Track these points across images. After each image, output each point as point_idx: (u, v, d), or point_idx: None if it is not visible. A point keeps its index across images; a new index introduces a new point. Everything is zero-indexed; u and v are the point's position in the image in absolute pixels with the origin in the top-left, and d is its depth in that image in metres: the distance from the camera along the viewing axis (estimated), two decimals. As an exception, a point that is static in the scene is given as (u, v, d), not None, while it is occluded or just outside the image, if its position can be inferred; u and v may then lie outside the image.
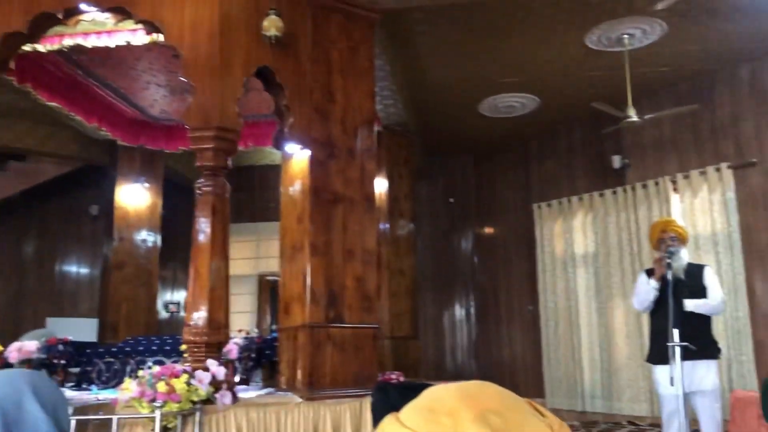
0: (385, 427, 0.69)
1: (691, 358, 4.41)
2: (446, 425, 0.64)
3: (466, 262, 9.93)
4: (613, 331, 7.86)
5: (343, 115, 4.94)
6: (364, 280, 4.71)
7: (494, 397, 0.67)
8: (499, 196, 9.66)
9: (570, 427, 6.00)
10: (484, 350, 9.54)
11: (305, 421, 4.06)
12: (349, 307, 4.61)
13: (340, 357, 4.49)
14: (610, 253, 8.02)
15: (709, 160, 7.26)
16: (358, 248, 4.74)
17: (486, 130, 8.90)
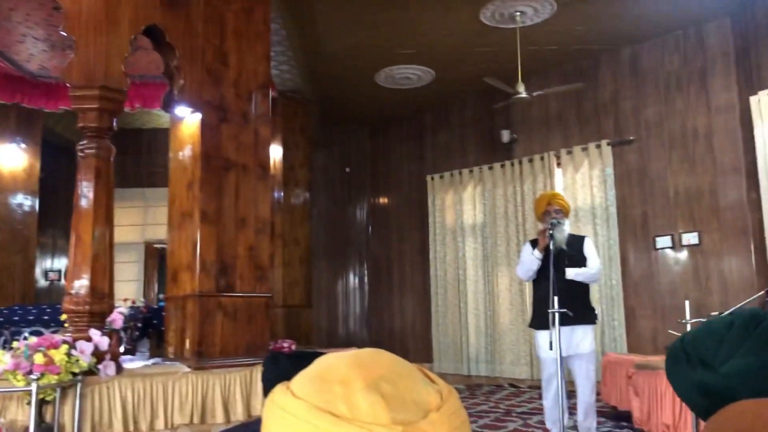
0: (275, 398, 0.67)
1: (570, 324, 4.66)
2: (338, 394, 0.63)
3: (361, 232, 9.98)
4: (498, 299, 8.17)
5: (237, 78, 4.78)
6: (257, 248, 4.63)
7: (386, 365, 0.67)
8: (394, 167, 9.74)
9: (456, 390, 6.21)
10: (377, 318, 9.68)
11: (193, 390, 3.97)
12: (240, 276, 4.52)
13: (230, 326, 4.41)
14: (497, 223, 8.30)
15: (590, 137, 7.62)
16: (251, 216, 4.64)
17: (382, 101, 8.92)
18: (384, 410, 0.61)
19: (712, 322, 1.07)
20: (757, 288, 6.04)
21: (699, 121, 6.90)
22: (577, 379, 4.83)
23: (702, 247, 6.74)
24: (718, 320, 1.07)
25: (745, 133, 6.49)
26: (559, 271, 4.76)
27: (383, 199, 9.91)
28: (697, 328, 1.10)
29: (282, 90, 7.57)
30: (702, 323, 1.12)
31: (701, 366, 1.04)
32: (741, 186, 6.57)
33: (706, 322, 1.11)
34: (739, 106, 6.62)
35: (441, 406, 0.65)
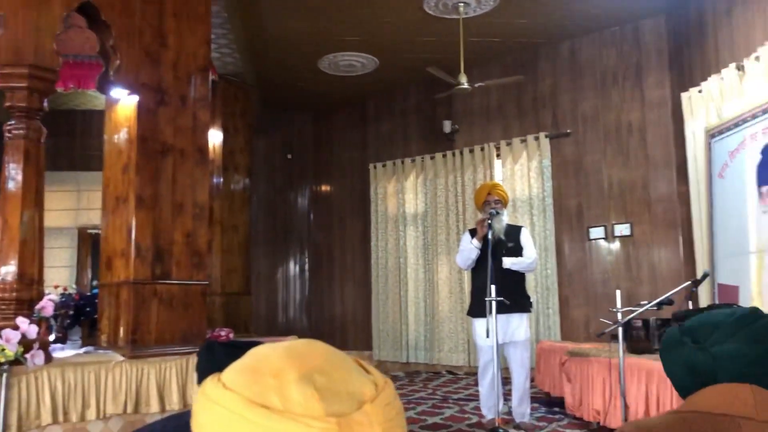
0: (206, 390, 0.65)
1: (506, 312, 4.76)
2: (270, 386, 0.62)
3: (302, 219, 9.92)
4: (438, 287, 8.26)
5: (176, 60, 4.66)
6: (195, 235, 4.54)
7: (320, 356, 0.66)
8: (336, 155, 9.70)
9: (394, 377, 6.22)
10: (317, 306, 9.65)
11: (127, 379, 3.87)
12: (177, 263, 4.43)
13: (166, 314, 4.32)
14: (437, 212, 8.37)
15: (529, 129, 7.76)
16: (189, 202, 4.55)
17: (326, 88, 8.86)
18: (317, 402, 0.60)
19: (715, 312, 1.12)
20: (684, 278, 6.27)
21: (633, 116, 7.10)
22: (512, 366, 4.94)
23: (633, 239, 6.97)
24: (721, 310, 1.13)
25: (676, 128, 6.72)
26: (497, 260, 4.85)
27: (325, 187, 9.86)
28: (699, 314, 1.15)
29: (223, 74, 7.42)
30: (707, 311, 1.17)
31: (692, 344, 1.08)
32: (671, 180, 6.80)
33: (706, 314, 1.14)
34: (671, 102, 6.85)
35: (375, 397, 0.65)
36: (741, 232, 5.41)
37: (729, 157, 5.64)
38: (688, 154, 6.30)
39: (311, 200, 9.94)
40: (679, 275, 6.52)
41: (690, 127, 6.26)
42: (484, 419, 4.96)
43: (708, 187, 5.92)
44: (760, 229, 5.22)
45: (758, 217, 5.25)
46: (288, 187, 9.90)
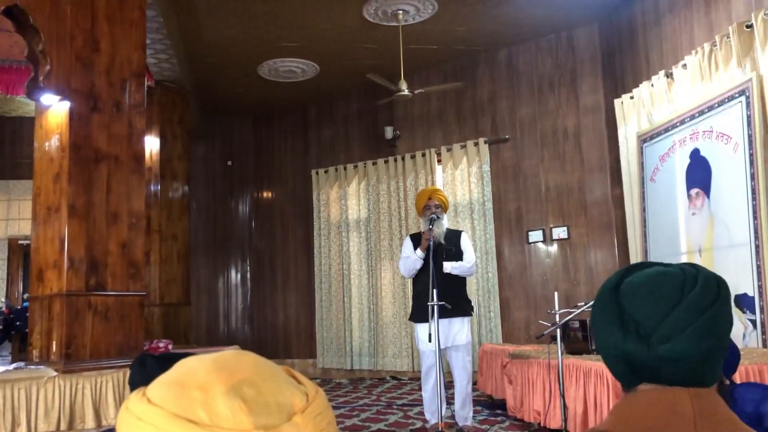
0: (129, 405, 0.64)
1: (448, 316, 4.80)
2: (197, 399, 0.61)
3: (244, 227, 9.81)
4: (381, 293, 8.28)
5: (110, 65, 4.55)
6: (131, 245, 4.44)
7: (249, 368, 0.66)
8: (278, 161, 9.63)
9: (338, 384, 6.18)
10: (259, 314, 9.55)
11: (61, 395, 3.75)
12: (112, 274, 4.32)
13: (102, 327, 4.20)
14: (380, 218, 8.40)
15: (469, 135, 7.87)
16: (124, 211, 4.44)
17: (266, 93, 8.79)
18: (245, 415, 0.60)
19: (663, 285, 0.96)
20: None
21: (569, 121, 7.29)
22: (454, 370, 4.99)
23: (570, 241, 7.14)
24: (667, 281, 0.96)
25: (610, 133, 6.93)
26: (438, 264, 4.90)
27: (267, 194, 9.78)
28: (641, 284, 0.97)
29: (159, 79, 7.28)
30: (651, 278, 0.97)
31: (635, 336, 0.95)
32: (606, 183, 7.01)
33: (655, 277, 0.97)
34: (604, 107, 7.06)
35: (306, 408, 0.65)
36: (673, 233, 5.62)
37: (660, 161, 5.86)
38: (621, 159, 6.50)
39: (252, 207, 9.84)
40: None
41: (623, 132, 6.47)
42: (428, 424, 5.00)
43: (641, 190, 6.13)
44: (690, 230, 5.43)
45: (687, 219, 5.46)
46: (228, 194, 9.78)
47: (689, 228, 5.44)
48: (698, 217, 5.30)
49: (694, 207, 5.38)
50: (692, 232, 5.40)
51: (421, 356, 5.06)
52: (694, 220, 5.36)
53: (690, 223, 5.43)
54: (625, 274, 1.01)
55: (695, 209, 5.36)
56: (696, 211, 5.34)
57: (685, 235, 5.49)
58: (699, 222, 5.29)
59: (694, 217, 5.36)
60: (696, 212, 5.34)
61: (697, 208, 5.32)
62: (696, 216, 5.33)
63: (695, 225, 5.35)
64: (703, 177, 5.25)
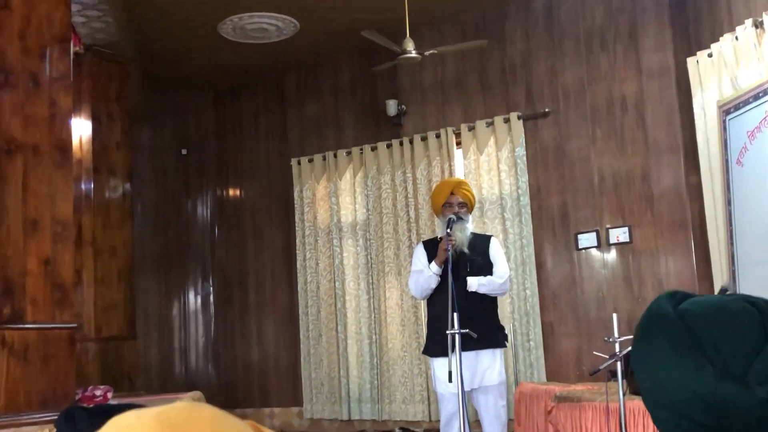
0: None
1: (474, 348, 4.78)
2: None
3: (204, 234, 9.79)
4: (386, 318, 8.26)
5: (24, 28, 4.56)
6: (56, 261, 4.44)
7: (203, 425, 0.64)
8: (247, 147, 9.63)
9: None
10: (227, 350, 9.53)
11: (-33, 462, 3.74)
12: (33, 301, 4.32)
13: (20, 370, 4.20)
14: (383, 220, 8.38)
15: (497, 109, 7.85)
16: (47, 217, 4.44)
17: (230, 60, 8.78)
18: None
19: (737, 315, 1.00)
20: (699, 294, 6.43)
21: (628, 88, 7.26)
22: (484, 419, 4.97)
23: (633, 246, 7.11)
24: (744, 314, 1.00)
25: (682, 102, 6.90)
26: (460, 281, 4.87)
27: (234, 191, 9.76)
28: (715, 309, 1.02)
29: (90, 44, 7.29)
30: (722, 305, 1.02)
31: (724, 374, 0.95)
32: (678, 169, 6.98)
33: (726, 304, 1.02)
34: (674, 69, 7.03)
35: None
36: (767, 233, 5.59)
37: (748, 139, 5.83)
38: (697, 136, 6.47)
39: (215, 209, 9.83)
40: (692, 290, 6.67)
41: (699, 102, 6.44)
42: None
43: (724, 177, 6.09)
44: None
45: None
46: (183, 192, 9.77)
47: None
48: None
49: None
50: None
51: (440, 401, 5.04)
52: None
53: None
54: (675, 300, 1.03)
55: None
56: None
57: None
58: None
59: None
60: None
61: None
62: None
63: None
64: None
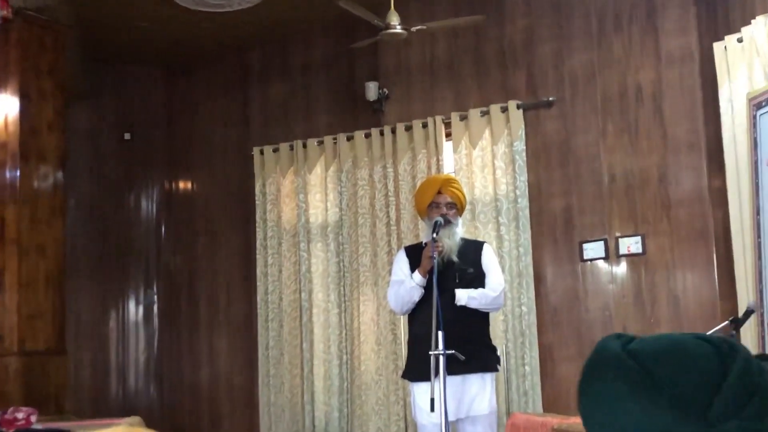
0: None
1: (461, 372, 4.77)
2: None
3: (149, 234, 9.74)
4: (359, 335, 8.23)
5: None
6: (-27, 261, 4.39)
7: None
8: (202, 133, 9.59)
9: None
10: (172, 368, 9.48)
11: None
12: (-56, 306, 4.26)
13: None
14: (358, 221, 8.35)
15: (494, 96, 7.83)
16: (-37, 209, 4.39)
17: (184, 30, 8.73)
18: None
19: (693, 352, 1.09)
20: (721, 315, 6.43)
21: (644, 76, 7.27)
22: (471, 454, 4.96)
23: (647, 257, 7.12)
24: (700, 351, 1.09)
25: (706, 93, 6.92)
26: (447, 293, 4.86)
27: (185, 183, 9.72)
28: (668, 348, 1.11)
29: (20, 8, 7.22)
30: (674, 342, 1.12)
31: (684, 412, 1.04)
32: (700, 170, 6.99)
33: (674, 346, 1.11)
34: (699, 55, 7.04)
35: None
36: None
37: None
38: (723, 133, 6.49)
39: (163, 204, 9.78)
40: (713, 310, 6.69)
41: (726, 93, 6.45)
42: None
43: (753, 180, 6.11)
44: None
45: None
46: (126, 183, 9.71)
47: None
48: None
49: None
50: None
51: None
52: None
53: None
54: (622, 341, 1.14)
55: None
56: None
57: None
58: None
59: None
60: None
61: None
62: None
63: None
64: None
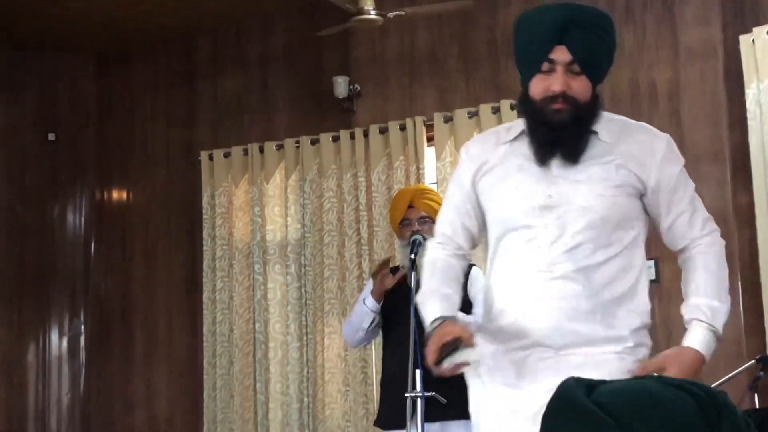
0: None
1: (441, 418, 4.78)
2: None
3: (75, 252, 9.70)
4: (324, 374, 8.22)
5: None
6: None
7: None
8: (140, 134, 9.57)
9: None
10: (102, 412, 9.43)
11: None
12: None
13: None
14: (324, 240, 8.35)
15: (483, 94, 7.86)
16: None
17: (121, 13, 8.72)
18: None
19: (671, 405, 1.13)
20: (746, 353, 6.47)
21: (660, 74, 7.32)
22: None
23: (661, 285, 7.15)
24: (678, 403, 1.13)
25: (731, 94, 6.97)
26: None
27: (119, 193, 9.69)
28: (635, 398, 1.15)
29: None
30: (643, 398, 1.16)
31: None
32: (723, 183, 7.04)
33: (649, 397, 1.14)
34: (722, 50, 7.10)
35: None
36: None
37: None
38: (750, 140, 6.54)
39: (92, 217, 9.75)
40: (738, 348, 6.73)
41: (754, 94, 6.51)
42: None
43: (784, 197, 6.17)
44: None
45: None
46: (49, 192, 9.67)
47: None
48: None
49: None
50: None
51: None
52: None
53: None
54: (584, 389, 1.17)
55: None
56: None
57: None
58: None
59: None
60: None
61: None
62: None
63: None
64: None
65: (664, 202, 3.45)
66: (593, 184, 3.32)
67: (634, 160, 3.38)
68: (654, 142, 3.48)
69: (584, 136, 3.37)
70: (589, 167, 3.34)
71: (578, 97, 3.34)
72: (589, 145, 3.36)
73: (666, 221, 3.49)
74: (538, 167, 3.37)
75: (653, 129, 3.60)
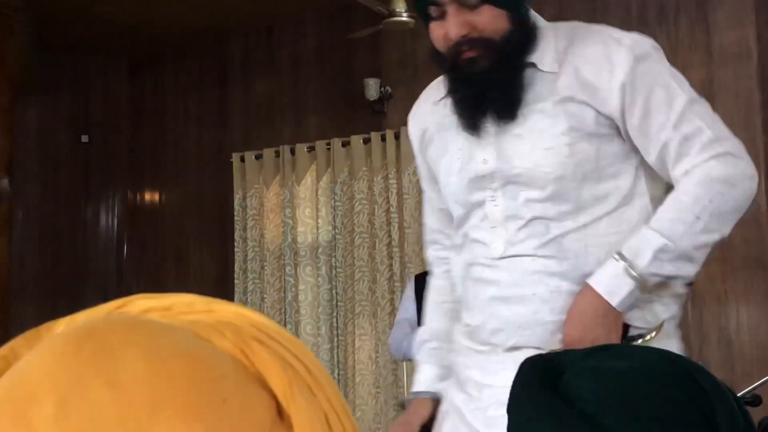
0: None
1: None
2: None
3: (108, 253, 9.76)
4: (354, 375, 8.23)
5: None
6: None
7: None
8: (172, 136, 9.62)
9: None
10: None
11: None
12: None
13: None
14: (355, 242, 8.36)
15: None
16: None
17: (153, 17, 8.75)
18: None
19: (656, 396, 1.05)
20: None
21: (693, 76, 7.26)
22: None
23: (694, 290, 7.10)
24: (665, 395, 1.05)
25: (765, 96, 6.92)
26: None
27: (151, 195, 9.75)
28: (601, 378, 1.08)
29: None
30: (604, 374, 1.08)
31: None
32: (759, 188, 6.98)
33: (617, 375, 1.07)
34: (757, 52, 7.06)
35: None
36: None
37: None
38: (786, 143, 6.49)
39: (125, 218, 9.82)
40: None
41: (789, 97, 6.46)
42: None
43: (819, 200, 6.11)
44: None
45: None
46: (82, 194, 9.74)
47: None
48: None
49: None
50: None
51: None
52: None
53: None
54: (542, 372, 1.08)
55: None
56: None
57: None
58: None
59: None
60: None
61: None
62: None
63: None
64: None
65: (639, 135, 2.50)
66: (537, 136, 2.51)
67: (586, 85, 2.51)
68: (612, 55, 2.54)
69: (515, 80, 2.53)
70: (530, 115, 2.52)
71: (488, 35, 2.50)
72: (529, 83, 2.55)
73: (651, 159, 2.51)
74: None
75: (616, 33, 2.68)
